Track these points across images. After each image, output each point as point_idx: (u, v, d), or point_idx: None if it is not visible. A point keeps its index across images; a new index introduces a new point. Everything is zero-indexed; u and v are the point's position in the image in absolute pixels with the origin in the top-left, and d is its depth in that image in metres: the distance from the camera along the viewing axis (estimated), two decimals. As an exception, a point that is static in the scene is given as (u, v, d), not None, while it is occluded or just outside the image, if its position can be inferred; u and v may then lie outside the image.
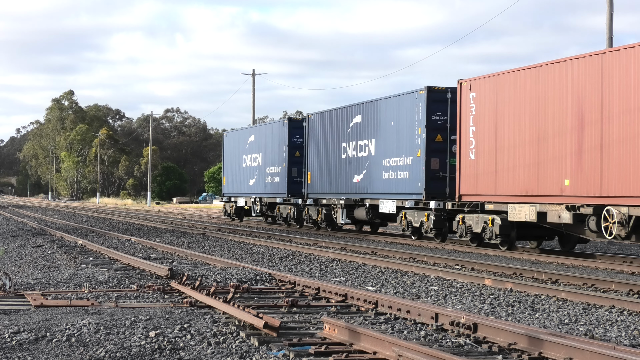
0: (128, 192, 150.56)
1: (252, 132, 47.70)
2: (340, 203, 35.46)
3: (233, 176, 50.05)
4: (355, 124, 34.71)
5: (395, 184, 31.35)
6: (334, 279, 17.32)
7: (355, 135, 34.60)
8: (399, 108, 31.11)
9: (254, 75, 70.94)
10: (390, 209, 31.56)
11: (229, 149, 51.29)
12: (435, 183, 29.22)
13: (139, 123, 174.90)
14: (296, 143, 41.13)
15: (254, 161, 45.99)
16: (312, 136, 39.04)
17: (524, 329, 9.29)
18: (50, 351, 9.11)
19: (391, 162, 31.65)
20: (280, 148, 42.12)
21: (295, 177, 40.95)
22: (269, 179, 43.55)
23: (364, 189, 33.84)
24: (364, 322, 11.07)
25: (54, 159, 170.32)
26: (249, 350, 9.06)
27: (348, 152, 35.32)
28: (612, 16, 32.42)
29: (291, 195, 40.86)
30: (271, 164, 43.29)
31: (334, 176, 36.59)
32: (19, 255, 22.94)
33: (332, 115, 37.17)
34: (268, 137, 44.14)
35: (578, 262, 21.61)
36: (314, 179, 38.69)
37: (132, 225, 42.54)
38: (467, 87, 27.17)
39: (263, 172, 44.42)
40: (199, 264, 19.76)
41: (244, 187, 47.56)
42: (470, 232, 26.94)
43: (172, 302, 12.81)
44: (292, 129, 41.31)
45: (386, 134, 32.04)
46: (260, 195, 44.77)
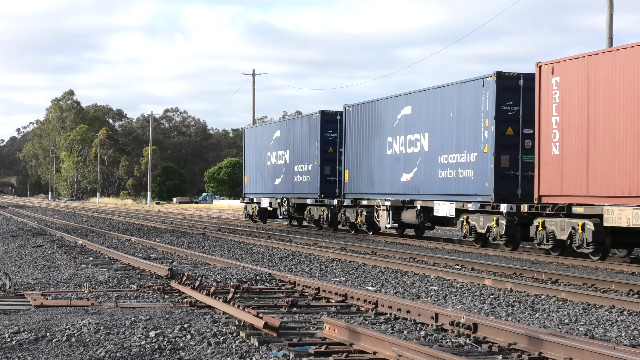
0: (128, 192, 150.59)
1: (277, 127, 44.13)
2: (386, 205, 32.09)
3: (256, 175, 46.68)
4: (403, 116, 31.41)
5: (454, 183, 28.06)
6: (334, 279, 17.32)
7: (404, 128, 31.29)
8: (459, 97, 27.72)
9: (254, 75, 70.97)
10: (447, 211, 28.24)
11: (251, 146, 47.78)
12: (505, 183, 25.85)
13: (139, 123, 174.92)
14: (329, 138, 37.99)
15: (280, 159, 42.75)
16: (350, 130, 35.73)
17: (524, 329, 9.29)
18: (50, 351, 9.11)
19: (450, 159, 28.35)
20: (311, 144, 38.88)
21: (329, 176, 37.87)
22: (297, 178, 40.46)
23: (414, 189, 30.62)
24: (364, 322, 11.07)
25: (54, 159, 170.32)
26: (249, 350, 9.06)
27: (395, 148, 32.01)
28: (612, 16, 32.42)
29: (324, 195, 37.70)
30: (300, 161, 40.14)
31: (377, 174, 33.34)
32: (19, 255, 22.94)
33: (375, 107, 33.77)
34: (296, 133, 40.84)
35: (578, 262, 21.61)
36: (352, 177, 35.44)
37: (132, 225, 42.54)
38: (549, 71, 23.55)
39: (290, 171, 41.29)
40: (199, 264, 19.76)
41: (269, 186, 44.36)
42: (552, 238, 23.27)
43: (172, 302, 12.81)
44: (324, 123, 37.96)
45: (443, 126, 28.76)
46: (287, 196, 41.54)
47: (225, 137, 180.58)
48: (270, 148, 44.08)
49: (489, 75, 26.11)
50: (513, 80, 25.97)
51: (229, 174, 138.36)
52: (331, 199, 37.09)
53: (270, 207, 43.94)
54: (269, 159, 44.26)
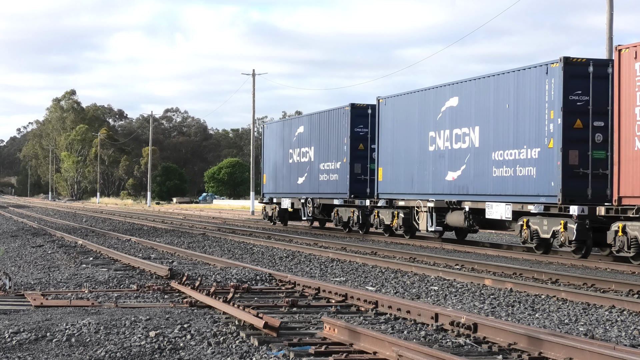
0: (128, 192, 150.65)
1: (301, 122, 41.00)
2: (428, 206, 29.20)
3: (276, 173, 43.71)
4: (449, 108, 28.60)
5: (512, 182, 25.28)
6: (334, 279, 17.32)
7: (450, 122, 28.49)
8: (518, 86, 25.00)
9: (254, 75, 70.96)
10: (502, 214, 25.41)
11: (271, 143, 44.75)
12: (574, 182, 23.10)
13: (139, 123, 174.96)
14: (359, 134, 35.12)
15: (304, 156, 39.91)
16: (385, 125, 32.86)
17: (524, 329, 9.29)
18: (50, 351, 9.11)
19: (506, 155, 25.56)
20: (339, 140, 36.09)
21: (359, 175, 35.11)
22: (323, 177, 37.71)
23: (462, 188, 27.82)
24: (364, 322, 11.08)
25: (54, 159, 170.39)
26: (249, 350, 9.06)
27: (438, 144, 29.23)
28: (612, 16, 32.42)
29: (354, 195, 34.97)
30: (327, 159, 37.33)
31: (418, 173, 30.51)
32: (19, 255, 22.94)
33: (414, 99, 30.93)
34: (323, 128, 37.90)
35: (578, 262, 21.61)
36: (388, 176, 32.62)
37: (132, 225, 42.54)
38: (631, 55, 20.78)
39: (316, 169, 38.44)
40: (199, 264, 19.76)
41: (291, 186, 41.46)
42: (635, 245, 20.89)
43: (172, 302, 12.81)
44: (354, 117, 35.13)
45: (497, 119, 26.00)
46: (312, 196, 38.66)
47: (225, 137, 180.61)
48: (293, 145, 41.31)
49: (554, 61, 23.39)
50: (582, 66, 23.20)
51: (229, 174, 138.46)
52: (362, 199, 34.41)
53: (292, 208, 41.30)
54: (291, 156, 41.51)
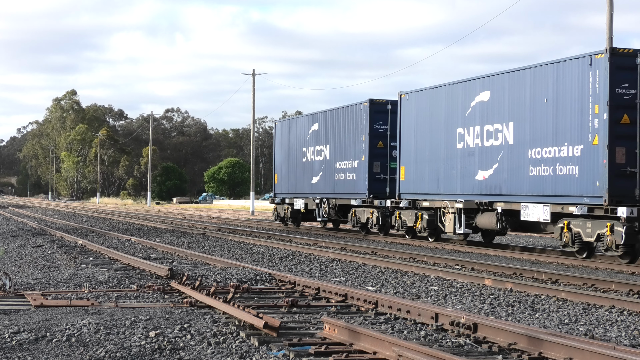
0: (128, 192, 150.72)
1: (315, 119, 39.23)
2: (456, 207, 27.61)
3: (288, 173, 42.06)
4: (479, 103, 26.97)
5: (551, 182, 23.64)
6: (334, 279, 17.32)
7: (480, 117, 26.94)
8: (557, 79, 23.53)
9: (254, 75, 70.97)
10: (540, 215, 23.83)
11: (283, 141, 43.17)
12: (621, 181, 21.75)
13: (139, 123, 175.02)
14: (379, 131, 33.60)
15: (319, 154, 38.31)
16: (407, 121, 31.15)
17: (524, 329, 9.29)
18: (50, 351, 9.11)
19: (544, 153, 23.97)
20: (357, 137, 34.57)
21: (378, 174, 33.62)
22: (340, 176, 36.17)
23: (494, 188, 26.18)
24: (364, 322, 11.08)
25: (54, 159, 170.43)
26: (249, 350, 9.06)
27: (467, 141, 27.57)
28: (612, 16, 32.41)
29: (373, 195, 33.52)
30: (343, 157, 35.80)
31: (444, 172, 28.90)
32: (19, 255, 22.94)
33: (440, 94, 29.29)
34: (339, 125, 36.40)
35: (578, 262, 21.61)
36: (410, 175, 30.94)
37: (132, 225, 42.54)
38: None
39: (331, 168, 36.90)
40: (199, 264, 19.76)
41: (304, 185, 39.89)
42: None
43: (172, 302, 12.81)
44: (373, 114, 33.57)
45: (534, 115, 24.45)
46: (327, 196, 37.21)
47: (225, 137, 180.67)
48: (307, 143, 39.74)
49: (599, 52, 22.08)
50: (629, 57, 21.92)
51: (229, 174, 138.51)
52: (382, 199, 32.87)
53: (305, 209, 39.64)
54: (305, 155, 39.95)
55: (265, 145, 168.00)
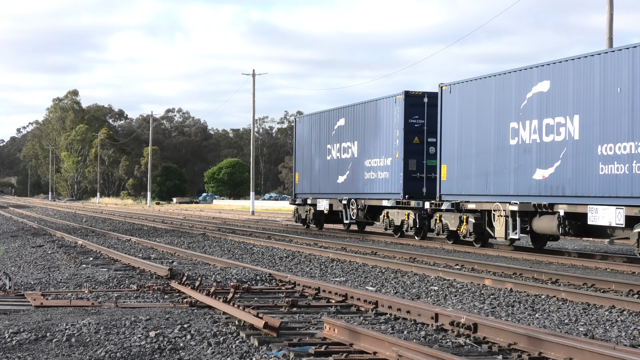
0: (128, 192, 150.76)
1: (341, 114, 36.59)
2: (509, 209, 24.97)
3: (311, 172, 39.53)
4: (537, 94, 24.45)
5: (626, 182, 21.24)
6: (334, 279, 17.32)
7: (538, 110, 24.35)
8: (635, 66, 21.14)
9: (254, 76, 70.97)
10: (612, 219, 21.35)
11: (304, 138, 40.56)
12: None
13: (139, 123, 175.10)
14: (414, 126, 31.10)
15: (345, 152, 35.83)
16: (450, 115, 28.55)
17: (524, 329, 9.30)
18: (50, 351, 9.11)
19: (618, 149, 21.51)
20: (390, 133, 32.01)
21: (414, 172, 31.11)
22: (370, 175, 33.61)
23: (556, 188, 23.72)
24: (364, 322, 11.08)
25: (54, 159, 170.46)
26: (249, 351, 9.06)
27: (522, 136, 25.00)
28: (612, 16, 32.40)
29: (409, 195, 30.97)
30: (374, 154, 33.31)
31: (494, 171, 26.29)
32: (19, 255, 22.95)
33: (489, 85, 26.65)
34: (369, 120, 33.83)
35: (578, 262, 21.61)
36: (454, 174, 28.31)
37: (132, 225, 42.54)
38: None
39: (360, 166, 34.42)
40: (199, 264, 19.76)
41: (328, 185, 37.41)
42: None
43: (172, 302, 12.81)
44: (408, 107, 31.07)
45: (605, 106, 22.02)
46: (355, 197, 34.63)
47: (225, 137, 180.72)
48: (332, 140, 37.22)
49: None
50: None
51: (229, 174, 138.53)
52: (418, 200, 30.32)
53: (330, 210, 37.11)
54: (329, 152, 37.48)
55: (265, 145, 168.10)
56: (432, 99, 30.55)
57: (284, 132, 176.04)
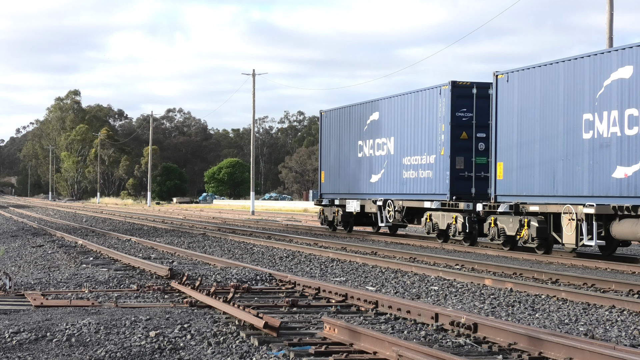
0: (128, 192, 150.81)
1: (375, 107, 33.80)
2: (583, 212, 22.21)
3: (339, 170, 36.95)
4: (617, 81, 21.77)
5: None
6: (334, 279, 17.32)
7: (619, 100, 21.66)
8: None
9: (254, 75, 70.96)
10: None
11: (331, 133, 37.84)
12: None
13: (139, 123, 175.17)
14: (462, 119, 28.33)
15: (380, 149, 33.16)
16: (507, 107, 25.65)
17: (524, 329, 9.30)
18: (51, 351, 9.11)
19: None
20: (433, 128, 29.28)
21: (461, 170, 28.35)
22: (409, 174, 30.87)
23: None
24: (364, 322, 11.08)
25: (54, 159, 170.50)
26: (249, 350, 9.07)
27: (599, 129, 22.26)
28: (612, 16, 32.40)
29: (456, 197, 28.25)
30: (414, 151, 30.60)
31: (564, 168, 23.52)
32: (19, 255, 22.95)
33: (557, 72, 23.96)
34: (408, 113, 31.07)
35: (578, 262, 21.61)
36: (512, 172, 25.40)
37: (132, 225, 42.54)
38: None
39: (397, 164, 31.78)
40: (199, 264, 19.77)
41: (360, 185, 34.83)
42: None
43: (172, 302, 12.82)
44: (456, 99, 28.31)
45: None
46: (392, 197, 31.97)
47: (225, 137, 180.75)
48: (364, 135, 34.54)
49: None
50: None
51: (229, 174, 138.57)
52: (467, 201, 27.73)
53: (361, 211, 34.48)
54: (361, 149, 34.79)
55: (265, 145, 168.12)
56: (482, 89, 28.10)
57: (284, 132, 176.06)
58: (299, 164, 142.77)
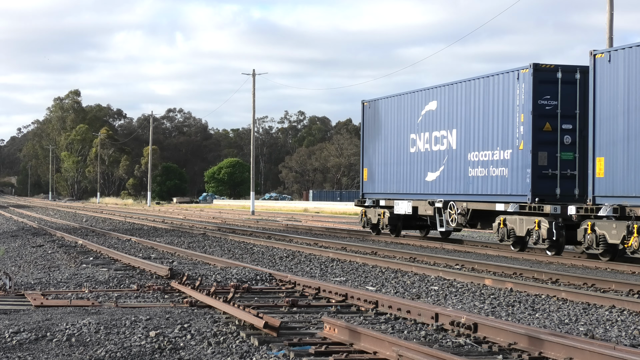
0: (128, 192, 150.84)
1: (432, 95, 29.88)
2: None
3: (386, 167, 33.11)
4: None
5: None
6: (334, 279, 17.32)
7: None
8: None
9: (254, 75, 70.96)
10: None
11: (376, 126, 33.96)
12: None
13: (140, 123, 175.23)
14: (545, 109, 24.42)
15: (438, 143, 29.29)
16: (609, 91, 21.67)
17: (524, 329, 9.30)
18: (51, 351, 9.11)
19: None
20: (508, 118, 25.48)
21: (544, 168, 24.43)
22: (477, 171, 27.03)
23: None
24: (364, 322, 11.08)
25: (54, 159, 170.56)
26: (249, 350, 9.07)
27: None
28: (612, 16, 32.40)
29: (538, 198, 24.26)
30: (482, 145, 26.79)
31: None
32: (19, 255, 22.95)
33: None
34: (475, 102, 27.23)
35: (578, 262, 21.61)
36: (616, 168, 21.46)
37: (132, 225, 42.54)
38: None
39: (460, 160, 27.94)
40: (199, 263, 19.77)
41: (412, 184, 31.03)
42: None
43: (172, 302, 12.82)
44: (537, 85, 24.44)
45: None
46: (454, 198, 28.08)
47: (225, 137, 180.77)
48: (417, 128, 30.69)
49: None
50: None
51: (229, 174, 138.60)
52: (552, 203, 23.87)
53: (414, 213, 30.69)
54: (414, 143, 30.92)
55: (265, 145, 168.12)
56: (568, 73, 24.58)
57: (284, 131, 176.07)
58: (299, 164, 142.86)
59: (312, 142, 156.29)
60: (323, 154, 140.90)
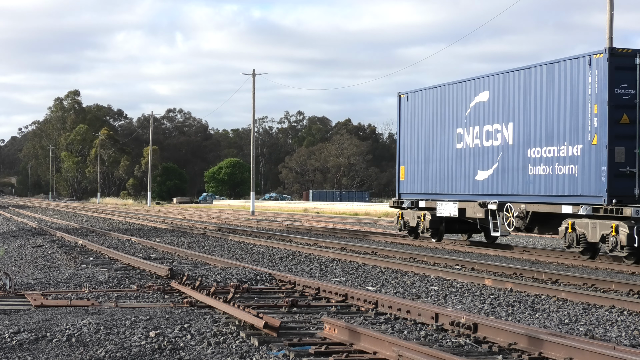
0: (128, 192, 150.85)
1: (482, 85, 27.05)
2: None
3: (427, 165, 30.10)
4: None
5: None
6: (334, 279, 17.33)
7: None
8: None
9: (254, 75, 70.97)
10: None
11: (415, 121, 30.85)
12: None
13: (140, 123, 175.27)
14: (623, 98, 21.64)
15: (491, 137, 26.44)
16: None
17: (524, 329, 9.30)
18: (51, 351, 9.12)
19: None
20: (578, 109, 22.69)
21: (622, 166, 21.59)
22: (538, 169, 24.21)
23: None
24: (364, 322, 11.08)
25: (54, 159, 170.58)
26: (249, 350, 9.07)
27: None
28: (612, 16, 32.41)
29: (616, 200, 21.42)
30: (545, 140, 23.99)
31: None
32: (19, 255, 22.95)
33: None
34: (535, 92, 24.42)
35: (578, 262, 21.61)
36: None
37: (132, 225, 42.55)
38: None
39: (518, 157, 25.10)
40: (199, 264, 19.77)
41: (459, 183, 28.16)
42: None
43: (172, 302, 12.82)
44: (614, 72, 21.67)
45: None
46: (511, 199, 25.25)
47: (225, 137, 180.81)
48: (465, 122, 27.86)
49: None
50: None
51: (229, 174, 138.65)
52: (633, 205, 20.95)
53: (455, 215, 28.00)
54: (461, 138, 28.11)
55: (265, 145, 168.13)
56: None
57: (284, 132, 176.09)
58: (299, 164, 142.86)
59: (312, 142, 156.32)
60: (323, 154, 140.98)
